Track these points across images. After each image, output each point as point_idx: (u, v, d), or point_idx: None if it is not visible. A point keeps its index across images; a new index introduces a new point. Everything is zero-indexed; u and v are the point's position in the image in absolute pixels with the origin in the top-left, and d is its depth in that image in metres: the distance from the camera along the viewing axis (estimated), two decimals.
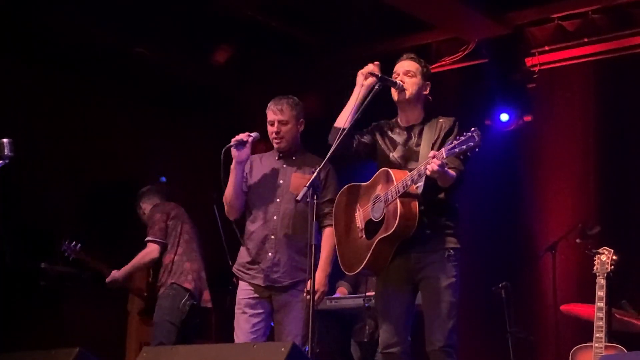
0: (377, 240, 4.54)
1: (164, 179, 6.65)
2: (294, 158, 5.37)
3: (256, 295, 5.28)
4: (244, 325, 5.24)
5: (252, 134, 5.27)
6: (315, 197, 4.60)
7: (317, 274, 5.07)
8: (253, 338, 5.21)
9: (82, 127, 7.69)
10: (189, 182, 7.91)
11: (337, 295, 6.72)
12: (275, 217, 5.26)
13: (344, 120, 4.71)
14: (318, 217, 4.99)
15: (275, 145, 5.38)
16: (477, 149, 4.22)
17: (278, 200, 5.28)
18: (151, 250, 6.50)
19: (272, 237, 5.24)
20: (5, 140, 4.71)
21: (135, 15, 7.38)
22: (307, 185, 4.59)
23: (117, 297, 7.51)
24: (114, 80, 7.73)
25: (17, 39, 7.11)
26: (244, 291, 5.30)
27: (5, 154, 4.68)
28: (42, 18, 7.15)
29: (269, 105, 5.36)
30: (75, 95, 7.67)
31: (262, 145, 6.40)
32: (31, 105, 7.31)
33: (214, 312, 6.89)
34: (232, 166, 5.27)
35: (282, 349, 4.08)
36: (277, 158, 5.41)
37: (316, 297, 5.10)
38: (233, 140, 5.25)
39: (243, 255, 5.35)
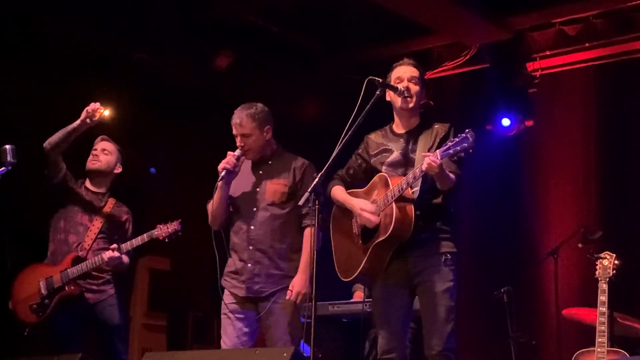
0: (373, 244, 4.52)
1: (153, 170, 6.36)
2: (269, 163, 5.32)
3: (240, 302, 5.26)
4: (230, 329, 5.21)
5: (235, 154, 5.18)
6: (317, 203, 4.53)
7: (297, 277, 5.10)
8: (241, 341, 5.18)
9: (83, 133, 7.68)
10: (189, 188, 7.89)
11: (353, 300, 6.69)
12: (252, 227, 5.22)
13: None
14: (298, 218, 5.13)
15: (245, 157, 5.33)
16: (471, 150, 4.19)
17: (254, 209, 5.23)
18: None
19: (251, 247, 5.20)
20: (7, 146, 4.71)
21: (135, 21, 7.38)
22: (309, 190, 4.53)
23: None
24: (114, 86, 7.71)
25: (16, 44, 7.10)
26: (228, 296, 5.27)
27: (8, 160, 4.68)
28: (43, 23, 7.15)
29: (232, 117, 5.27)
30: (76, 101, 7.65)
31: None
32: (31, 110, 7.30)
33: (216, 317, 6.81)
34: (221, 184, 5.20)
35: (285, 354, 4.07)
36: (251, 166, 5.35)
37: (298, 300, 5.10)
38: (222, 171, 5.15)
39: (229, 265, 5.33)
